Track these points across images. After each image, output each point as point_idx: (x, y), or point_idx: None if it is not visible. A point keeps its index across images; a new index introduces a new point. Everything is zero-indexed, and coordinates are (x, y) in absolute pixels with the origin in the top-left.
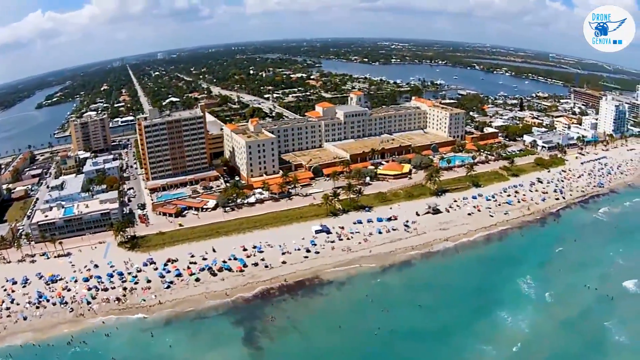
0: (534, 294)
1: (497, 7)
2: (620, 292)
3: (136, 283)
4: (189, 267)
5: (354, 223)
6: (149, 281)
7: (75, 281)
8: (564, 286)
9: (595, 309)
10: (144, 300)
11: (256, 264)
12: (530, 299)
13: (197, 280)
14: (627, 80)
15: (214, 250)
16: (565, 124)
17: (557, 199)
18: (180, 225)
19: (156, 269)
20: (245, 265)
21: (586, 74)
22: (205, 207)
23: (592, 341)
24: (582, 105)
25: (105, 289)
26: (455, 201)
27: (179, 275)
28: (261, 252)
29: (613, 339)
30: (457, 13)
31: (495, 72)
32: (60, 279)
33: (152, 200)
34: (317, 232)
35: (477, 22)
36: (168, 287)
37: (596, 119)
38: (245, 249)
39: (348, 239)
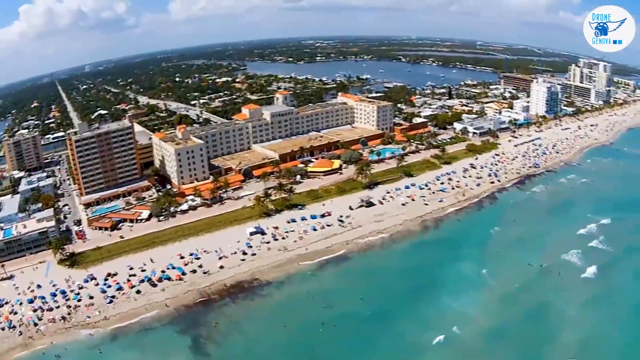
0: (474, 275)
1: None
2: (561, 266)
3: (79, 300)
4: (129, 280)
5: (288, 222)
6: (91, 297)
7: (21, 304)
8: (504, 265)
9: (537, 284)
10: (89, 317)
11: (194, 271)
12: (471, 280)
13: (138, 292)
14: (559, 62)
15: (152, 261)
16: (496, 109)
17: (492, 182)
18: (121, 237)
19: (97, 284)
20: (184, 274)
21: (516, 59)
22: (139, 218)
23: (535, 315)
24: (513, 89)
25: (50, 309)
26: (388, 193)
27: (119, 289)
28: (198, 258)
29: (556, 311)
30: (383, 7)
31: (422, 63)
32: (6, 303)
33: (87, 215)
34: (252, 234)
35: (403, 15)
36: (110, 301)
37: (528, 102)
38: (182, 257)
39: (283, 238)
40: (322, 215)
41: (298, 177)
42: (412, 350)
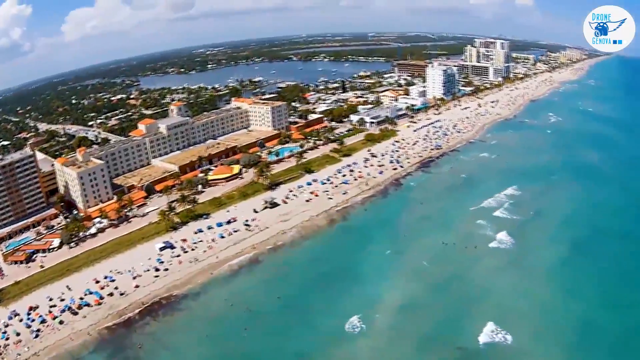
0: (384, 258)
1: None
2: (468, 239)
3: (7, 339)
4: (50, 312)
5: (195, 233)
6: (18, 334)
7: None
8: (414, 245)
9: (446, 258)
10: (19, 355)
11: (112, 294)
12: (382, 264)
13: (61, 322)
14: (455, 45)
15: (69, 289)
16: (392, 97)
17: (395, 169)
18: (42, 266)
19: (21, 319)
20: (101, 298)
21: (409, 47)
22: (51, 247)
23: (446, 288)
24: (408, 76)
25: None
26: (291, 191)
27: (43, 321)
28: (113, 280)
29: (467, 282)
30: (271, 9)
31: (313, 60)
32: None
33: (1, 250)
34: (161, 249)
35: (292, 15)
36: (37, 335)
37: (424, 87)
38: (97, 282)
39: (193, 249)
40: (228, 222)
41: (200, 186)
42: (329, 337)
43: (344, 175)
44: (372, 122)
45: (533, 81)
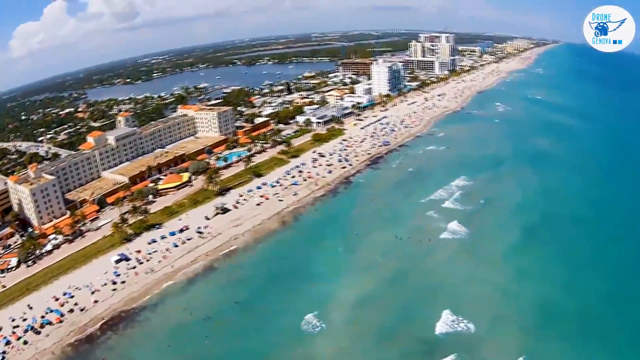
0: (337, 255)
1: (255, 0)
2: (419, 231)
3: None
4: (14, 332)
5: (149, 243)
6: None
7: None
8: (372, 243)
9: (398, 252)
10: None
11: (72, 311)
12: (335, 261)
13: (25, 342)
14: (400, 41)
15: (30, 308)
16: (338, 96)
17: (344, 167)
18: (4, 286)
19: None
20: (62, 315)
21: (353, 45)
22: (9, 266)
23: (400, 280)
24: (353, 75)
25: None
26: (241, 196)
27: (8, 343)
28: (72, 297)
29: (420, 273)
30: (214, 14)
31: (257, 63)
32: None
33: None
34: (117, 262)
35: (235, 19)
36: (2, 358)
37: (369, 84)
38: (57, 299)
39: (148, 260)
40: (181, 230)
41: (150, 196)
42: (289, 337)
43: (293, 177)
44: (318, 122)
45: (480, 73)
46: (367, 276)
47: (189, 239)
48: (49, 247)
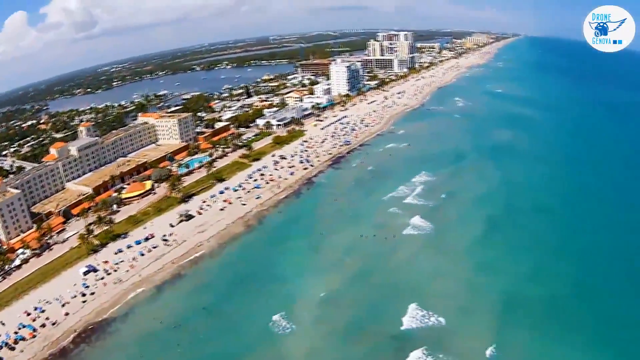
0: (303, 256)
1: (213, 5)
2: (382, 229)
3: None
4: None
5: (116, 253)
6: None
7: None
8: (336, 242)
9: (363, 250)
10: None
11: (44, 325)
12: (301, 261)
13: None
14: (358, 41)
15: (3, 324)
16: (297, 98)
17: (306, 168)
18: None
19: None
20: (34, 330)
21: (311, 46)
22: None
23: (365, 278)
24: (312, 75)
25: None
26: (204, 202)
27: None
28: (43, 311)
29: (385, 270)
30: (172, 21)
31: (216, 68)
32: None
33: None
34: (85, 273)
35: (193, 25)
36: None
37: (328, 85)
38: (29, 314)
39: (115, 270)
40: (146, 239)
41: (115, 206)
42: (258, 338)
43: (255, 180)
44: (278, 125)
45: (439, 69)
46: (333, 275)
47: (154, 247)
48: (17, 262)
